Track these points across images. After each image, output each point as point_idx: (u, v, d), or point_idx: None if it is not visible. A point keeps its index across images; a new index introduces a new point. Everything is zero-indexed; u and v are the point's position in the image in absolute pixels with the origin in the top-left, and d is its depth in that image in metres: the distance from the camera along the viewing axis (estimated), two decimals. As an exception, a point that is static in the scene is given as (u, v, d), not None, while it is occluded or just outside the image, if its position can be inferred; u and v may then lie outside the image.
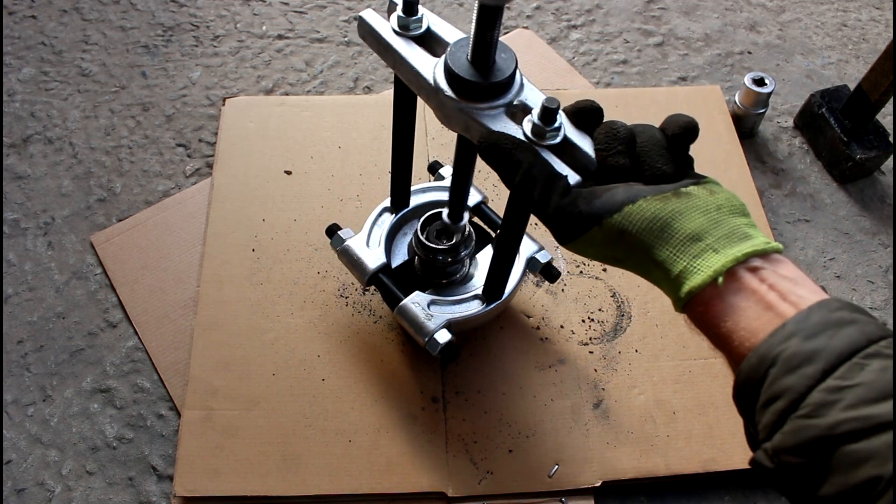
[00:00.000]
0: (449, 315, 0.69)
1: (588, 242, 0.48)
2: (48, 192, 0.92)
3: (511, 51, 0.50)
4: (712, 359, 0.79)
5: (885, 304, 0.87)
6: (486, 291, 0.71)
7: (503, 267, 0.67)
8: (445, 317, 0.69)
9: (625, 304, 0.82)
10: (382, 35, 0.54)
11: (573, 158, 0.49)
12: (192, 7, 1.12)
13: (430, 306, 0.69)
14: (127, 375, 0.79)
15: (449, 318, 0.69)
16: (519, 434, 0.74)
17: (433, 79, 0.51)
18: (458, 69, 0.49)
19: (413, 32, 0.54)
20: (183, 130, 0.98)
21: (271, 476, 0.70)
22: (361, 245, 0.73)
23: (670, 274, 0.44)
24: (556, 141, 0.48)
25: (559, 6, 1.15)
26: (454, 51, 0.50)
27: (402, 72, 0.54)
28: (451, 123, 0.52)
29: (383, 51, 0.55)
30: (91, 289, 0.84)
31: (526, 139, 0.49)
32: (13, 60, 1.04)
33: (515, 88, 0.50)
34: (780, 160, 1.00)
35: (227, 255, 0.84)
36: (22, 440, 0.75)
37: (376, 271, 0.71)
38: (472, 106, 0.50)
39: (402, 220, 0.77)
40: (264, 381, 0.76)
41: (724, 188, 0.48)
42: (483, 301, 0.71)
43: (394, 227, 0.76)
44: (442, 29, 0.54)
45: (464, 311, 0.70)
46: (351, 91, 1.03)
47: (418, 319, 0.68)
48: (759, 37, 1.14)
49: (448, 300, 0.70)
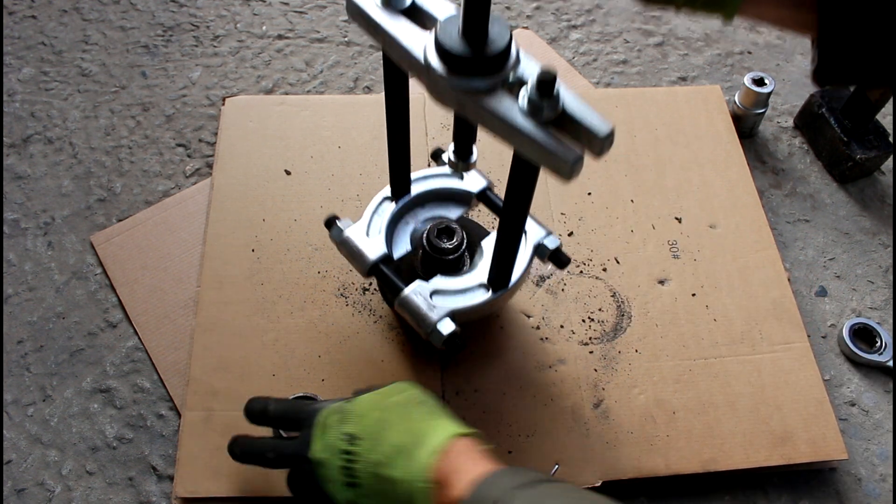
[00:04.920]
0: (453, 305, 0.65)
1: None
2: (48, 192, 0.92)
3: (505, 23, 0.48)
4: (712, 359, 0.79)
5: (885, 304, 0.87)
6: (492, 280, 0.68)
7: (508, 253, 0.64)
8: (449, 307, 0.65)
9: (625, 304, 0.82)
10: (368, 11, 0.52)
11: (576, 133, 0.46)
12: (192, 7, 1.12)
13: (433, 296, 0.66)
14: (127, 375, 0.79)
15: (453, 308, 0.65)
16: (519, 434, 0.74)
17: (423, 56, 0.48)
18: (449, 43, 0.46)
19: (400, 5, 0.51)
20: (183, 130, 0.98)
21: (271, 476, 0.70)
22: (361, 235, 0.70)
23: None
24: (554, 116, 0.46)
25: (559, 6, 1.15)
26: (445, 25, 0.48)
27: (391, 50, 0.52)
28: (445, 101, 0.50)
29: (371, 30, 0.52)
30: (91, 289, 0.84)
31: (522, 114, 0.46)
32: (13, 60, 1.04)
33: (512, 61, 0.47)
34: (780, 160, 1.00)
35: (227, 255, 0.84)
36: (22, 440, 0.75)
37: (377, 262, 0.68)
38: (465, 82, 0.47)
39: (404, 209, 0.74)
40: (264, 382, 0.76)
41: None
42: (488, 290, 0.68)
43: (395, 217, 0.73)
44: (431, 1, 0.52)
45: (468, 300, 0.67)
46: (351, 91, 1.03)
47: (421, 310, 0.65)
48: (759, 37, 1.14)
49: (452, 290, 0.67)
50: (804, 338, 0.80)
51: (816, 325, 0.85)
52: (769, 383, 0.77)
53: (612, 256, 0.85)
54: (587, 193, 0.90)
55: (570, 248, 0.86)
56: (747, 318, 0.81)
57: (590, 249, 0.86)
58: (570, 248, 0.86)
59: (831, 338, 0.84)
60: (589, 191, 0.90)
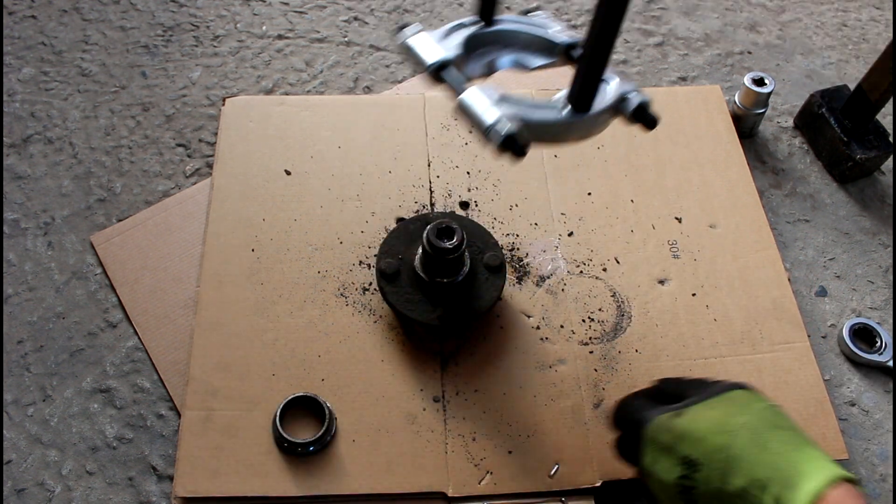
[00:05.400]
0: (523, 113, 0.56)
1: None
2: (48, 192, 0.92)
3: None
4: (712, 359, 0.79)
5: (885, 304, 0.87)
6: (573, 96, 0.58)
7: (597, 65, 0.55)
8: (518, 113, 0.56)
9: (625, 303, 0.82)
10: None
11: None
12: (192, 7, 1.12)
13: (500, 103, 0.57)
14: (127, 375, 0.79)
15: (522, 115, 0.56)
16: (519, 434, 0.74)
17: None
18: None
19: None
20: (183, 130, 0.98)
21: (271, 476, 0.70)
22: (432, 40, 0.62)
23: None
24: None
25: (559, 6, 1.15)
26: None
27: None
28: None
29: None
30: (91, 289, 0.84)
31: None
32: (13, 60, 1.04)
33: None
34: (780, 160, 1.00)
35: (227, 255, 0.84)
36: (22, 440, 0.75)
37: (443, 63, 0.60)
38: None
39: (485, 37, 0.65)
40: (264, 381, 0.76)
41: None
42: (566, 108, 0.58)
43: (474, 38, 0.64)
44: None
45: (543, 114, 0.57)
46: (351, 91, 1.03)
47: (481, 108, 0.55)
48: (759, 37, 1.14)
49: (525, 102, 0.57)
50: (804, 338, 0.80)
51: (816, 325, 0.85)
52: (769, 383, 0.77)
53: (612, 256, 0.86)
54: (587, 193, 0.90)
55: (570, 248, 0.86)
56: (747, 318, 0.81)
57: (590, 249, 0.86)
58: (570, 248, 0.86)
59: (831, 338, 0.84)
60: (589, 191, 0.90)
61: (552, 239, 0.86)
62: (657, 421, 0.55)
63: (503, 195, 0.90)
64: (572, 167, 0.92)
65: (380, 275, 0.77)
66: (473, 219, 0.85)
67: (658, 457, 0.54)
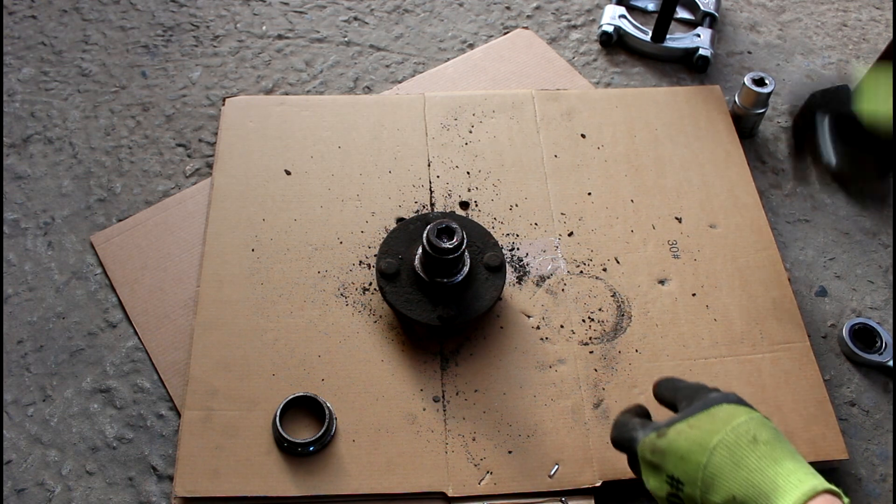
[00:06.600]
0: (624, 26, 1.02)
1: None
2: (48, 192, 0.92)
3: None
4: (712, 359, 0.79)
5: (885, 304, 0.87)
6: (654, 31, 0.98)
7: (668, 9, 0.94)
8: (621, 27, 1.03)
9: (625, 303, 0.82)
10: None
11: None
12: (192, 7, 1.12)
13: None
14: (127, 375, 0.79)
15: (622, 27, 1.03)
16: (519, 434, 0.74)
17: None
18: None
19: None
20: (183, 130, 0.98)
21: (271, 476, 0.70)
22: None
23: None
24: None
25: (559, 6, 1.15)
26: None
27: None
28: None
29: None
30: (91, 289, 0.84)
31: None
32: (13, 60, 1.04)
33: None
34: (780, 160, 1.00)
35: (227, 254, 0.84)
36: (22, 440, 0.75)
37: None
38: None
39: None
40: (264, 381, 0.76)
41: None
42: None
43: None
44: None
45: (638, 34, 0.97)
46: (351, 91, 1.03)
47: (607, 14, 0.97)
48: (759, 37, 1.14)
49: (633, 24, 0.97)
50: (804, 338, 0.80)
51: (816, 325, 0.85)
52: (769, 383, 0.77)
53: (612, 256, 0.85)
54: (587, 193, 0.90)
55: (570, 248, 0.86)
56: (747, 318, 0.81)
57: (590, 249, 0.86)
58: (570, 248, 0.86)
59: (831, 338, 0.84)
60: (589, 191, 0.90)
61: (552, 239, 0.86)
62: (644, 442, 0.57)
63: (503, 195, 0.90)
64: (572, 167, 0.92)
65: (380, 275, 0.77)
66: (473, 219, 0.85)
67: (649, 475, 0.56)
